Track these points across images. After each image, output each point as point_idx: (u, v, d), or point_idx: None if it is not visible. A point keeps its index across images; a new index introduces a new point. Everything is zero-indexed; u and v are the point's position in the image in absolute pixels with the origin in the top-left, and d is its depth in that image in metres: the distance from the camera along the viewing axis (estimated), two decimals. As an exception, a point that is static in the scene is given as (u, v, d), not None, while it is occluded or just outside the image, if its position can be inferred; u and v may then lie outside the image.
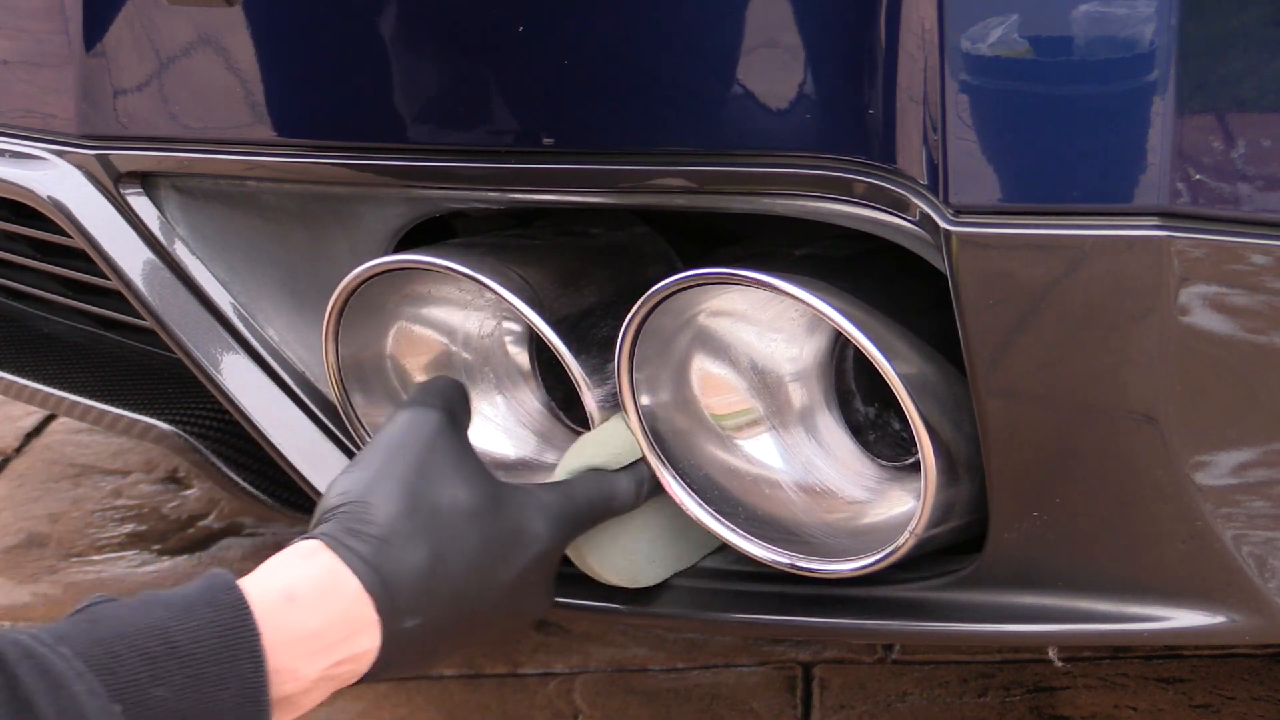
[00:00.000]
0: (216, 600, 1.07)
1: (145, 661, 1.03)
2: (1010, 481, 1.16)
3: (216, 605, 1.06)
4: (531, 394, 1.43)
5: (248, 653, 1.06)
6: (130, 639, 1.03)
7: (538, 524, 1.21)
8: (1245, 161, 1.01)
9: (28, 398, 1.65)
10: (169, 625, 1.04)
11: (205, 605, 1.06)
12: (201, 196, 1.39)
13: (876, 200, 1.14)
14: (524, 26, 1.17)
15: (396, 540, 1.15)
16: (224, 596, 1.07)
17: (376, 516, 1.15)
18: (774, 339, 1.29)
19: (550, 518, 1.21)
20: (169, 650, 1.03)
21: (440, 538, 1.16)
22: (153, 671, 1.03)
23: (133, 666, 1.03)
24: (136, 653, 1.03)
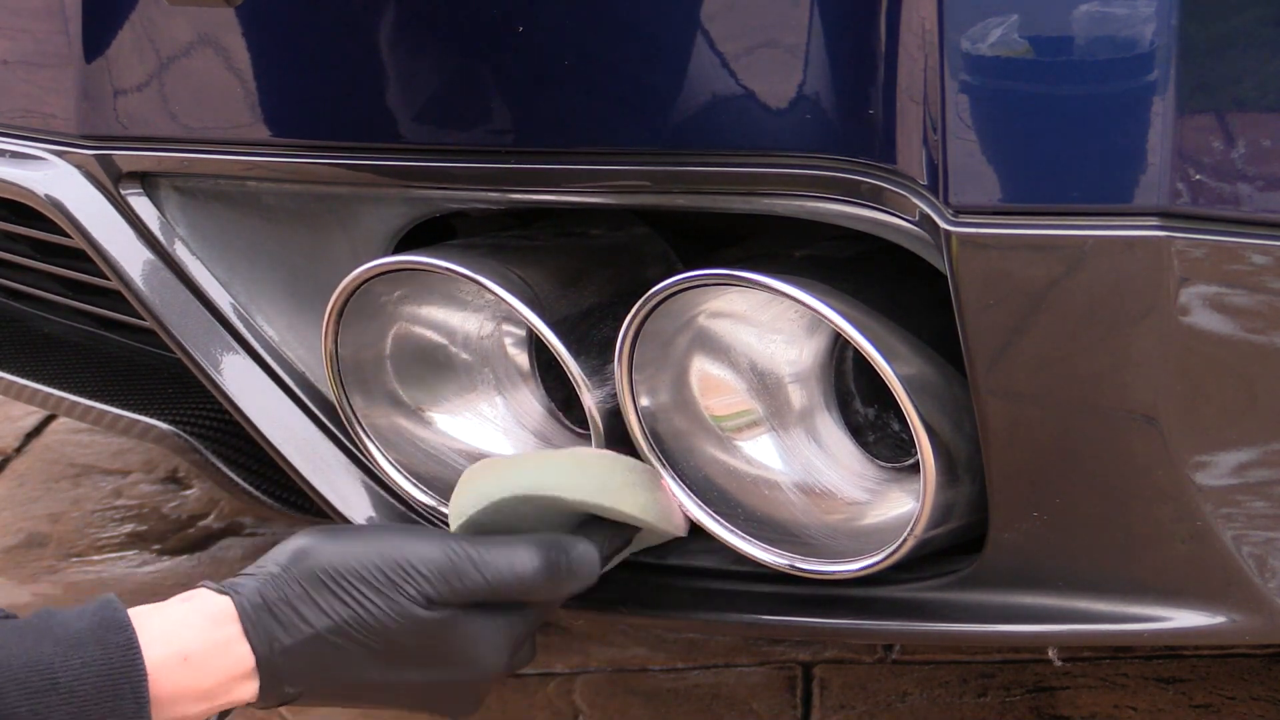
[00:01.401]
0: (105, 640, 1.07)
1: (26, 695, 1.03)
2: (1010, 482, 1.16)
3: (105, 645, 1.06)
4: (531, 395, 1.43)
5: (132, 695, 1.06)
6: (13, 671, 1.03)
7: (482, 652, 1.18)
8: (1245, 161, 1.01)
9: (28, 398, 1.65)
10: (54, 662, 1.04)
11: (94, 644, 1.06)
12: (201, 196, 1.39)
13: (876, 200, 1.14)
14: (524, 26, 1.17)
15: (302, 612, 1.14)
16: (114, 637, 1.07)
17: (297, 590, 1.15)
18: (774, 340, 1.29)
19: (499, 645, 1.19)
20: (52, 686, 1.03)
21: (355, 638, 1.15)
22: (33, 706, 1.03)
23: (13, 699, 1.03)
24: (19, 686, 1.03)
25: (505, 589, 1.18)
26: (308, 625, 1.14)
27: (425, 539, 1.19)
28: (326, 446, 1.43)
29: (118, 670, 1.06)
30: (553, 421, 1.42)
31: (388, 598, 1.15)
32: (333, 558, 1.16)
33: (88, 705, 1.04)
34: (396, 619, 1.15)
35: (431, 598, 1.16)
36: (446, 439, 1.40)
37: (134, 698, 1.06)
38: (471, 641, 1.17)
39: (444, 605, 1.16)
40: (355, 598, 1.15)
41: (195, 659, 1.11)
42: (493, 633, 1.18)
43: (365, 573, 1.15)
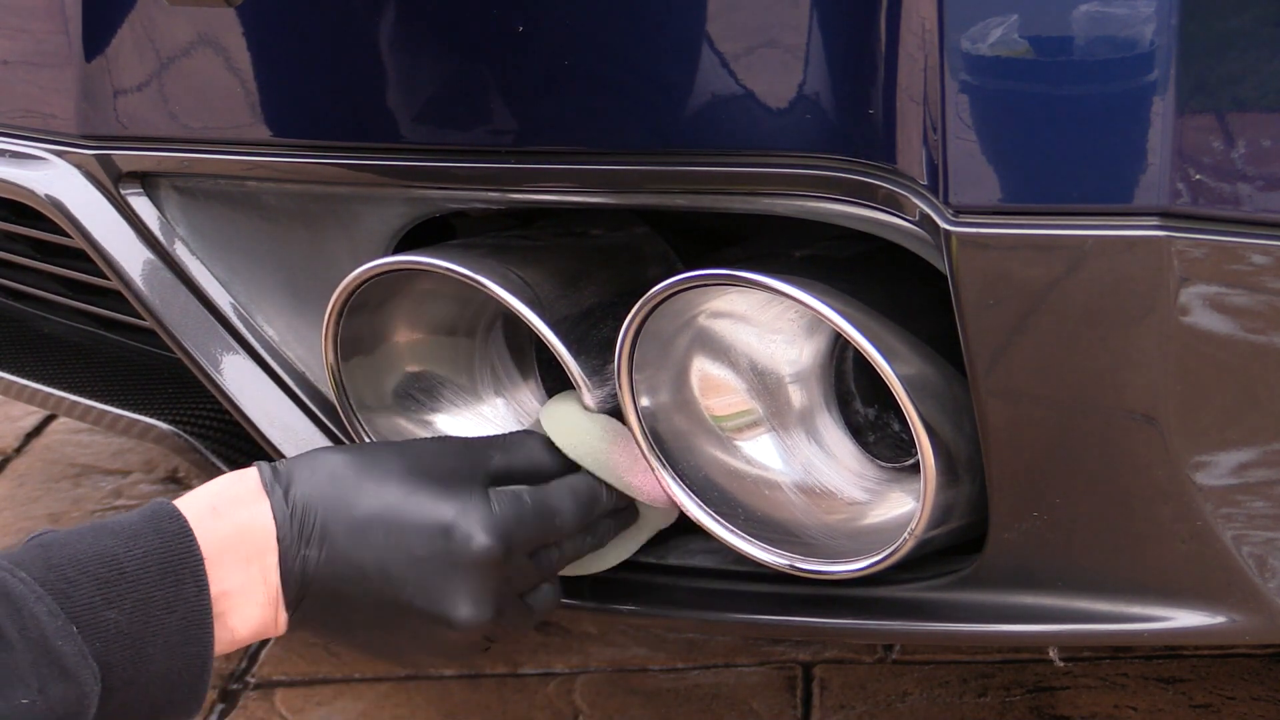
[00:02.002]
0: (161, 528, 1.12)
1: (98, 585, 1.08)
2: (1010, 482, 1.16)
3: (162, 534, 1.11)
4: (531, 394, 1.43)
5: (192, 577, 1.11)
6: (83, 564, 1.08)
7: (477, 532, 1.20)
8: (1245, 161, 1.01)
9: (28, 398, 1.65)
10: (118, 552, 1.09)
11: (152, 533, 1.11)
12: (201, 196, 1.39)
13: (876, 200, 1.14)
14: (524, 26, 1.17)
15: (316, 468, 1.20)
16: (168, 525, 1.12)
17: (310, 454, 1.22)
18: (774, 340, 1.29)
19: (488, 522, 1.21)
20: (119, 575, 1.08)
21: (368, 493, 1.19)
22: (105, 595, 1.08)
23: (87, 591, 1.07)
24: (89, 577, 1.07)
25: (523, 464, 1.25)
26: (320, 477, 1.19)
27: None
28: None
29: (176, 556, 1.11)
30: (553, 421, 1.42)
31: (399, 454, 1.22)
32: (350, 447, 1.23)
33: (153, 590, 1.09)
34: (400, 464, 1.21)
35: (457, 471, 1.22)
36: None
37: (194, 580, 1.11)
38: (461, 509, 1.20)
39: (450, 466, 1.21)
40: (368, 455, 1.22)
41: (221, 509, 1.16)
42: (482, 508, 1.21)
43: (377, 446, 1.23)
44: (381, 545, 1.18)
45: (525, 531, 1.22)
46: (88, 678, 1.06)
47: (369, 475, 1.20)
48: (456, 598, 1.20)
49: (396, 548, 1.18)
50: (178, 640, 1.10)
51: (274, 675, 1.80)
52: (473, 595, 1.20)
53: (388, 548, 1.18)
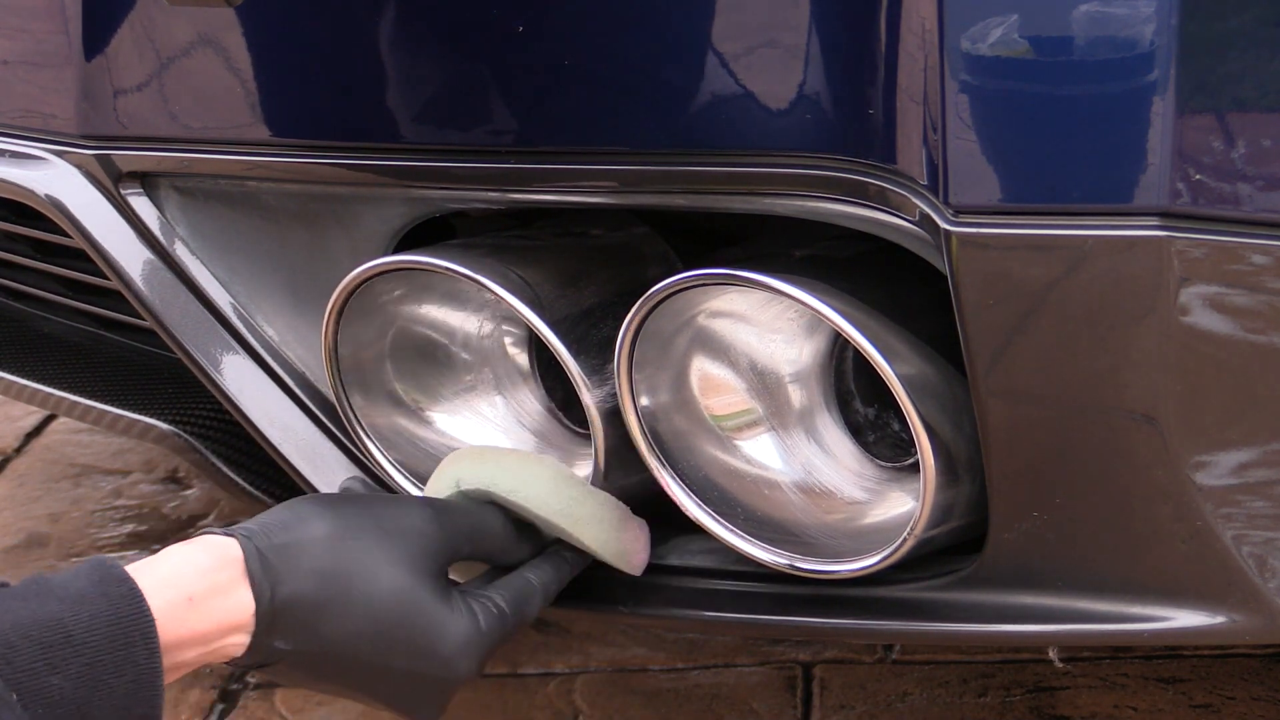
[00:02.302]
0: (109, 593, 1.09)
1: (41, 650, 1.05)
2: (1010, 482, 1.16)
3: (110, 597, 1.08)
4: (531, 394, 1.43)
5: (142, 640, 1.08)
6: (26, 628, 1.05)
7: (462, 663, 1.21)
8: (1245, 161, 1.01)
9: (28, 398, 1.65)
10: (63, 616, 1.06)
11: (99, 597, 1.08)
12: (201, 196, 1.39)
13: (876, 200, 1.14)
14: (524, 26, 1.17)
15: (303, 563, 1.17)
16: (116, 589, 1.09)
17: (297, 534, 1.18)
18: (773, 340, 1.29)
19: (471, 648, 1.22)
20: (64, 640, 1.05)
21: (346, 591, 1.17)
22: (49, 660, 1.05)
23: (29, 656, 1.04)
24: (33, 642, 1.05)
25: (484, 536, 1.26)
26: (308, 576, 1.16)
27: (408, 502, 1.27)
28: (326, 446, 1.43)
29: (125, 619, 1.08)
30: (553, 421, 1.43)
31: (387, 553, 1.19)
32: (336, 517, 1.20)
33: (101, 655, 1.06)
34: (391, 574, 1.19)
35: (425, 549, 1.21)
36: (446, 439, 1.40)
37: (144, 644, 1.08)
38: (449, 633, 1.20)
39: (432, 568, 1.21)
40: (357, 553, 1.18)
41: (198, 600, 1.13)
42: (470, 630, 1.21)
43: (364, 529, 1.20)
44: (368, 653, 1.18)
45: (500, 642, 1.24)
46: None
47: (359, 576, 1.18)
48: (425, 705, 1.22)
49: (381, 658, 1.19)
50: (126, 704, 1.07)
51: (274, 675, 1.80)
52: (439, 703, 1.23)
53: (373, 656, 1.19)
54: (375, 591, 1.18)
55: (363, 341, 1.36)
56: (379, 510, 1.23)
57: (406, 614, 1.19)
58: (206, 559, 1.15)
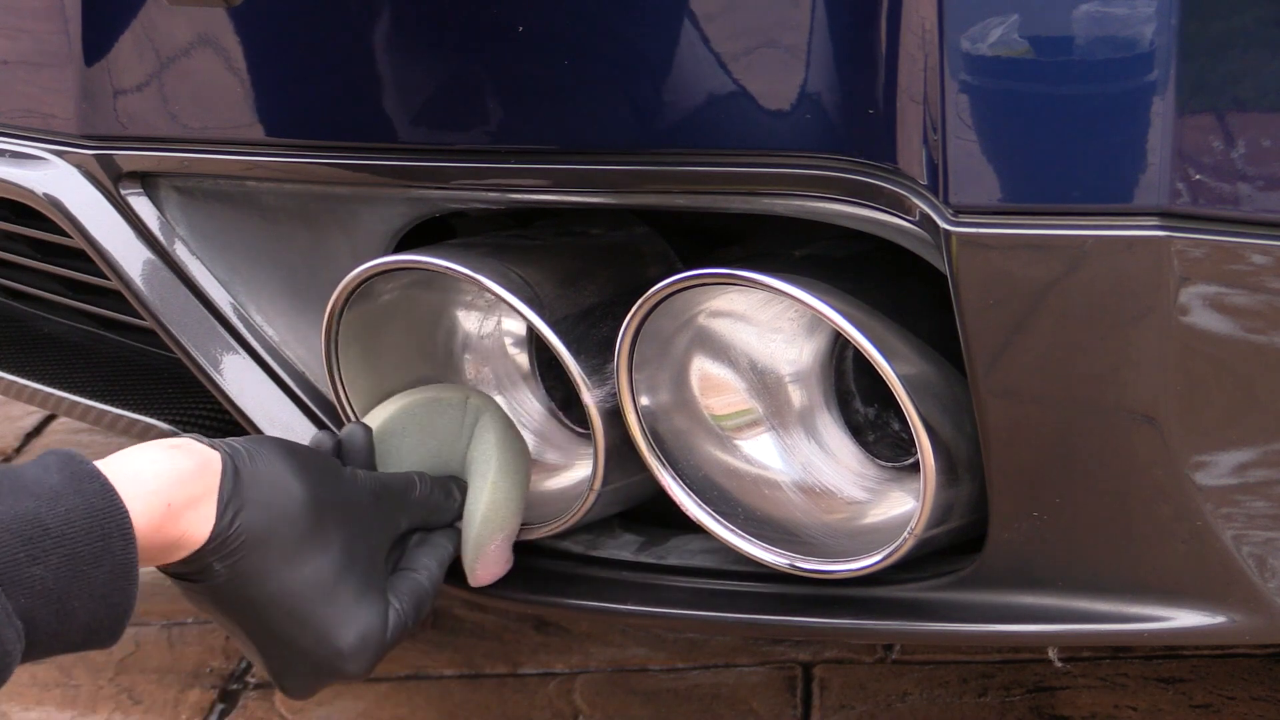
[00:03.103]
0: (82, 489, 1.12)
1: (22, 543, 1.08)
2: (1010, 482, 1.16)
3: (83, 493, 1.12)
4: (531, 394, 1.43)
5: (119, 533, 1.11)
6: (5, 523, 1.08)
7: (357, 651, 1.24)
8: (1245, 161, 1.01)
9: (28, 398, 1.65)
10: (40, 512, 1.09)
11: (73, 493, 1.11)
12: (201, 196, 1.39)
13: (876, 200, 1.14)
14: (524, 26, 1.17)
15: (270, 498, 1.20)
16: (89, 485, 1.13)
17: (273, 470, 1.22)
18: (773, 339, 1.29)
19: (370, 651, 1.24)
20: (43, 533, 1.09)
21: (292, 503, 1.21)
22: (30, 552, 1.08)
23: (10, 548, 1.08)
24: (13, 535, 1.08)
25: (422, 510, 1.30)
26: (267, 509, 1.19)
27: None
28: (326, 446, 1.42)
29: (100, 512, 1.11)
30: (553, 421, 1.43)
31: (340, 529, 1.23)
32: (307, 472, 1.23)
33: (79, 547, 1.10)
34: (336, 552, 1.22)
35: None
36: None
37: (120, 535, 1.11)
38: (360, 632, 1.23)
39: (371, 553, 1.25)
40: (316, 516, 1.22)
41: (176, 508, 1.16)
42: (377, 632, 1.24)
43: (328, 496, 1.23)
44: (281, 620, 1.21)
45: (393, 647, 1.27)
46: (11, 636, 1.07)
47: (310, 539, 1.21)
48: (302, 683, 1.25)
49: (290, 630, 1.22)
50: (104, 593, 1.11)
51: (274, 675, 1.80)
52: (314, 687, 1.26)
53: (285, 625, 1.22)
54: (318, 564, 1.21)
55: (363, 341, 1.35)
56: (344, 484, 1.25)
57: (334, 601, 1.22)
58: (187, 465, 1.17)
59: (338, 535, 1.22)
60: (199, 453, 1.18)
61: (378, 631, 1.24)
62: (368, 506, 1.26)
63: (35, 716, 1.76)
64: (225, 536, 1.17)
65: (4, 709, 1.77)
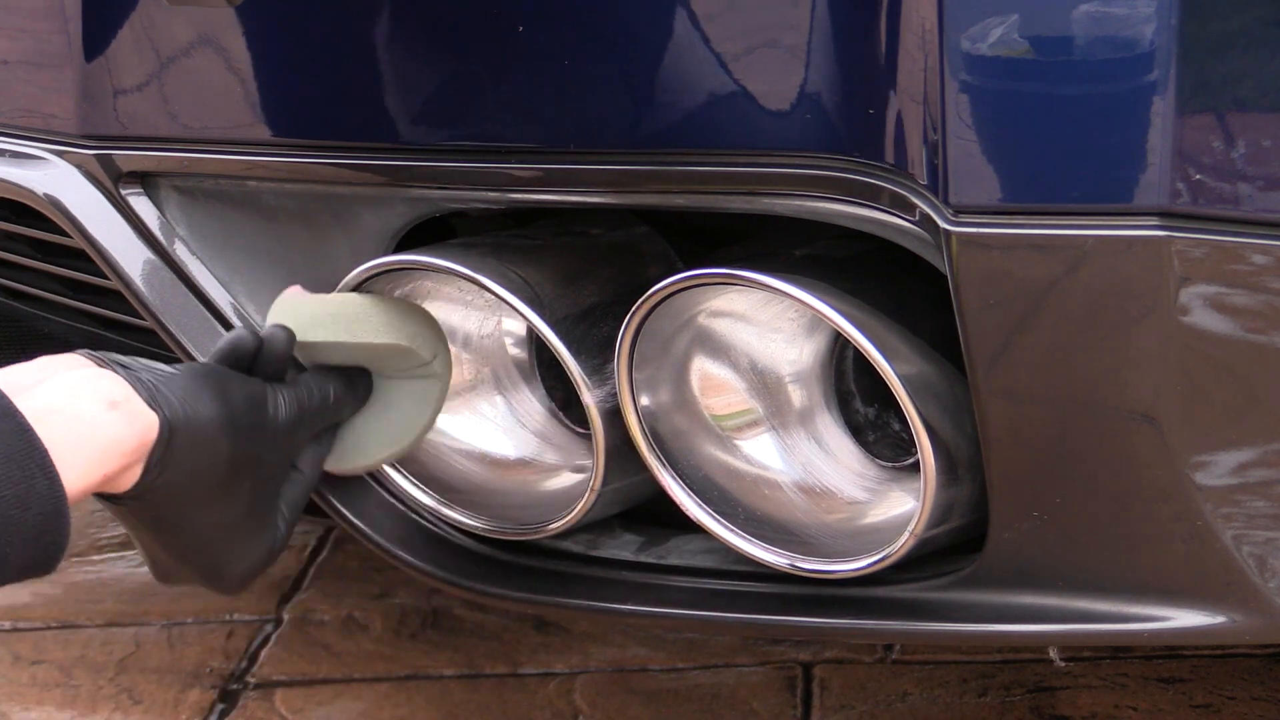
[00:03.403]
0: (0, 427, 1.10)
1: None
2: (1010, 481, 1.16)
3: (1, 433, 1.09)
4: (531, 394, 1.43)
5: (41, 472, 1.09)
6: None
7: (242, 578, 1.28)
8: (1245, 161, 1.01)
9: (28, 398, 1.64)
10: None
11: None
12: (201, 196, 1.39)
13: (876, 200, 1.14)
14: (524, 26, 1.17)
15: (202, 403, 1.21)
16: (4, 424, 1.10)
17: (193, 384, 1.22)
18: (774, 339, 1.29)
19: (250, 577, 1.28)
20: None
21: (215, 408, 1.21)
22: None
23: None
24: None
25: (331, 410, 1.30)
26: (210, 404, 1.20)
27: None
28: (326, 446, 1.42)
29: (18, 453, 1.09)
30: (553, 421, 1.42)
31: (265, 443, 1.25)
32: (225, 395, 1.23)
33: (2, 490, 1.08)
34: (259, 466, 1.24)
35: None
36: (446, 439, 1.40)
37: (44, 475, 1.09)
38: (255, 556, 1.27)
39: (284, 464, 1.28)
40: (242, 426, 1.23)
41: (110, 473, 1.15)
42: (264, 557, 1.27)
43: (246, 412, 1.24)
44: (180, 547, 1.24)
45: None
46: None
47: (218, 495, 1.22)
48: (177, 581, 1.28)
49: (186, 556, 1.24)
50: (34, 534, 1.10)
51: (274, 675, 1.80)
52: (182, 585, 1.28)
53: (182, 551, 1.24)
54: (225, 510, 1.23)
55: (363, 341, 1.35)
56: (266, 429, 1.26)
57: (233, 538, 1.25)
58: (129, 436, 1.16)
59: (248, 483, 1.24)
60: (139, 418, 1.16)
61: (262, 561, 1.27)
62: (283, 439, 1.27)
63: (35, 716, 1.76)
64: (146, 488, 1.18)
65: (4, 709, 1.77)
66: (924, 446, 1.15)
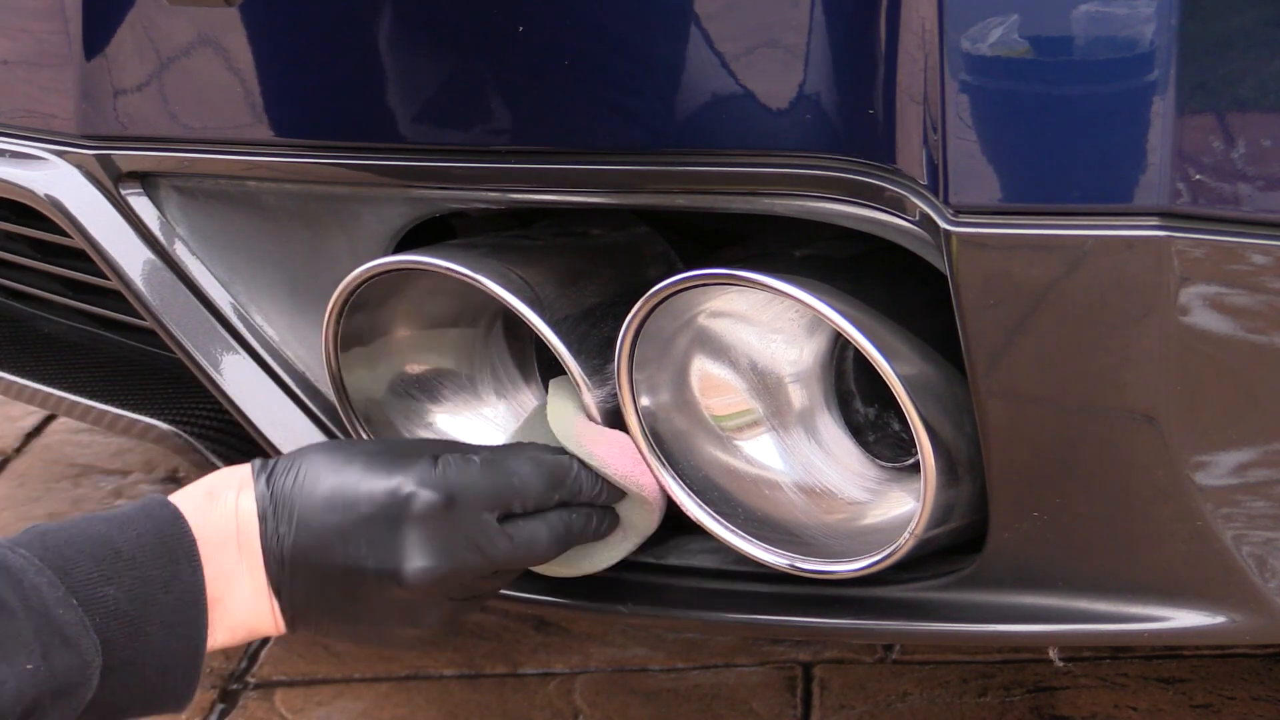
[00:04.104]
0: (153, 514, 1.15)
1: (95, 564, 1.11)
2: (1010, 482, 1.16)
3: (153, 518, 1.15)
4: (532, 395, 1.43)
5: (186, 558, 1.14)
6: (79, 545, 1.11)
7: (416, 487, 1.23)
8: (1245, 161, 1.01)
9: (28, 398, 1.65)
10: (112, 535, 1.13)
11: (144, 518, 1.15)
12: (201, 196, 1.39)
13: (877, 200, 1.14)
14: (524, 26, 1.17)
15: (300, 465, 1.22)
16: (160, 511, 1.16)
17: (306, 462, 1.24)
18: (774, 340, 1.29)
19: (426, 476, 1.23)
20: (115, 555, 1.12)
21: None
22: (103, 572, 1.11)
23: (85, 568, 1.11)
24: (86, 556, 1.11)
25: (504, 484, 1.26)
26: (302, 460, 1.23)
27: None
28: (326, 446, 1.42)
29: (170, 537, 1.14)
30: (553, 421, 1.42)
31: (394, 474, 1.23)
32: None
33: (150, 569, 1.12)
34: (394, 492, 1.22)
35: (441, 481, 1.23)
36: (446, 438, 1.40)
37: (188, 560, 1.14)
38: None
39: (417, 454, 1.24)
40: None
41: (217, 492, 1.20)
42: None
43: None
44: (340, 513, 1.21)
45: (473, 488, 1.23)
46: (89, 648, 1.08)
47: (335, 460, 1.23)
48: (404, 551, 1.21)
49: (349, 512, 1.21)
50: (174, 620, 1.12)
51: (274, 675, 1.80)
52: (419, 547, 1.21)
53: (344, 514, 1.21)
54: (350, 462, 1.22)
55: (363, 342, 1.35)
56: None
57: (370, 468, 1.22)
58: (223, 472, 1.22)
59: (362, 447, 1.24)
60: (232, 467, 1.23)
61: (421, 461, 1.22)
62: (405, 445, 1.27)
63: (35, 716, 1.76)
64: (269, 494, 1.20)
65: (4, 709, 1.77)
66: (924, 447, 1.15)
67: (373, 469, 1.22)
